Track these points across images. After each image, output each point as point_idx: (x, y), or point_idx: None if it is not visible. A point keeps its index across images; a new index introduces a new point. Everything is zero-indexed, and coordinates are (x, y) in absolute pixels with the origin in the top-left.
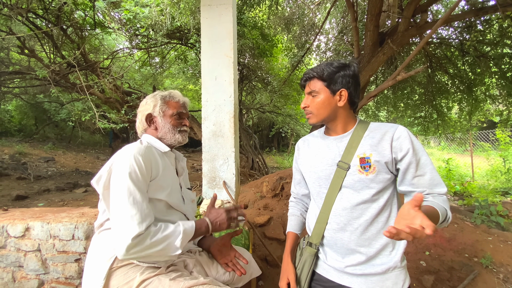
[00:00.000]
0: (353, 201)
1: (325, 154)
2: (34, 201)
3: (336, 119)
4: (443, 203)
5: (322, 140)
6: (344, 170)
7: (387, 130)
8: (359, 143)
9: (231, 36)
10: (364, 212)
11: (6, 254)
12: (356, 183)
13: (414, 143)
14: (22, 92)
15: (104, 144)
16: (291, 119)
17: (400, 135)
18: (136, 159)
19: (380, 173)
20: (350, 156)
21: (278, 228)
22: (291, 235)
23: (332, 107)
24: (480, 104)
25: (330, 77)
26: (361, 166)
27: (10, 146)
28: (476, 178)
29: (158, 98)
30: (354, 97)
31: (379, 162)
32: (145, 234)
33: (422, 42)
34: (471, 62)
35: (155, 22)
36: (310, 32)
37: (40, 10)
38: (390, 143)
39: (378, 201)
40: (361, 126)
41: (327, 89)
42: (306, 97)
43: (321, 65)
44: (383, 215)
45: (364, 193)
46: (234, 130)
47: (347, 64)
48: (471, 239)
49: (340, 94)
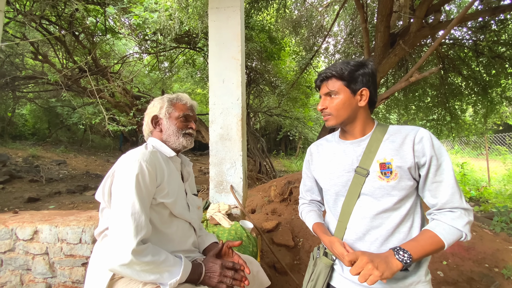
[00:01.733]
0: (373, 210)
1: (341, 159)
2: (45, 203)
3: (355, 120)
4: (453, 221)
5: (337, 145)
6: (363, 177)
7: (408, 133)
8: (378, 147)
9: (239, 38)
10: (385, 222)
11: (14, 257)
12: (376, 190)
13: (436, 146)
14: (36, 97)
15: (114, 147)
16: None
17: (422, 137)
18: (141, 165)
19: (402, 180)
20: (369, 161)
21: (287, 234)
22: (319, 224)
23: (353, 108)
24: (496, 106)
25: (350, 76)
26: (381, 172)
27: (24, 149)
28: (493, 183)
29: (165, 100)
30: (374, 97)
31: (401, 167)
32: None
33: (436, 42)
34: (486, 63)
35: (164, 27)
36: (318, 34)
37: (53, 16)
38: (412, 146)
39: (399, 210)
40: (380, 129)
41: (347, 89)
42: (323, 98)
43: (337, 64)
44: (405, 225)
45: (384, 201)
46: (241, 133)
47: (364, 62)
48: (491, 248)
49: (361, 93)
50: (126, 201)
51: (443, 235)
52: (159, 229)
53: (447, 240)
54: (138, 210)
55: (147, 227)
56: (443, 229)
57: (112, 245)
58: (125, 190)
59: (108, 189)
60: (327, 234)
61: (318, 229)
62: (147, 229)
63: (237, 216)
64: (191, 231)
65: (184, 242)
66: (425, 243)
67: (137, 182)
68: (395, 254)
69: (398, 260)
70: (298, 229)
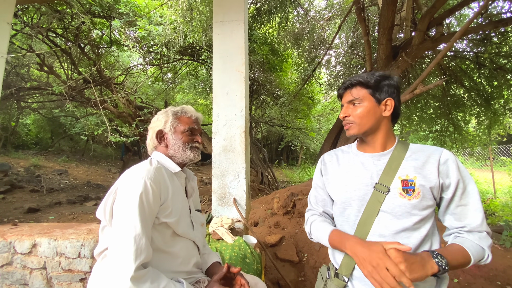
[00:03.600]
0: (392, 228)
1: (359, 172)
2: (45, 214)
3: (377, 131)
4: (480, 241)
5: (355, 156)
6: (383, 194)
7: (432, 152)
8: (400, 164)
9: (243, 51)
10: (405, 242)
11: (12, 271)
12: (396, 207)
13: (461, 168)
14: (40, 107)
15: (115, 157)
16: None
17: (448, 158)
18: (145, 184)
19: (425, 199)
20: (389, 178)
21: (291, 248)
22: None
23: (377, 117)
24: (499, 117)
25: (376, 85)
26: (403, 189)
27: (26, 159)
28: (498, 195)
29: (169, 114)
30: (398, 109)
31: (424, 186)
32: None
33: (440, 55)
34: (487, 74)
35: (168, 40)
36: (320, 47)
37: (60, 29)
38: (437, 166)
39: (420, 231)
40: (402, 146)
41: (372, 98)
42: (345, 106)
43: (362, 74)
44: (424, 246)
45: (405, 220)
46: (245, 145)
47: (389, 74)
48: (502, 265)
49: (386, 103)
50: (127, 222)
51: (471, 251)
52: (162, 249)
53: (474, 256)
54: (139, 233)
55: (147, 250)
56: (471, 246)
57: (111, 269)
58: (127, 210)
59: (110, 208)
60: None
61: (337, 237)
62: (147, 252)
63: (240, 230)
64: (194, 250)
65: (188, 262)
66: (456, 254)
67: (140, 202)
68: (433, 257)
69: (437, 264)
70: (302, 244)
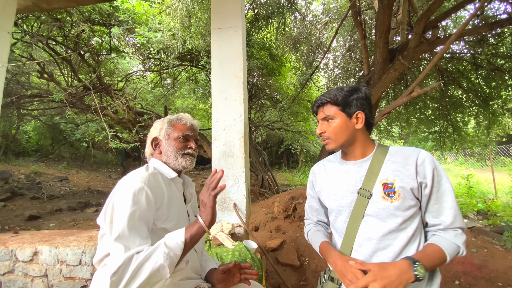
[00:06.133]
0: (378, 231)
1: (344, 180)
2: (46, 221)
3: (354, 142)
4: (455, 238)
5: (340, 165)
6: (366, 198)
7: (409, 154)
8: (380, 168)
9: (241, 57)
10: (392, 243)
11: (13, 279)
12: (380, 210)
13: (437, 168)
14: (41, 114)
15: (116, 163)
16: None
17: (424, 159)
18: (139, 189)
19: (406, 200)
20: (371, 183)
21: (292, 253)
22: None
23: (350, 131)
24: (498, 118)
25: (344, 101)
26: (384, 192)
27: (27, 166)
28: (499, 195)
29: (165, 122)
30: (370, 119)
31: (404, 188)
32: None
33: (436, 58)
34: (485, 75)
35: (167, 46)
36: (317, 50)
37: (60, 37)
38: (415, 168)
39: (406, 231)
40: (381, 151)
41: (342, 113)
42: (321, 123)
43: (331, 90)
44: (412, 246)
45: (390, 222)
46: (244, 150)
47: (357, 87)
48: (503, 266)
49: (357, 116)
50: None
51: (447, 250)
52: None
53: (450, 255)
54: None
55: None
56: (447, 245)
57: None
58: (119, 214)
59: (110, 216)
60: (334, 253)
61: (325, 249)
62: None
63: (240, 235)
64: (193, 255)
65: (186, 269)
66: (433, 256)
67: (133, 206)
68: (413, 269)
69: (415, 276)
70: (303, 248)
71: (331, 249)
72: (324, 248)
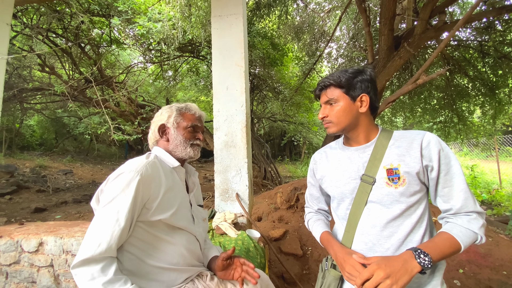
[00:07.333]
0: (382, 218)
1: (346, 166)
2: (52, 213)
3: (358, 127)
4: (469, 224)
5: (342, 152)
6: (369, 185)
7: (414, 137)
8: (384, 153)
9: (242, 45)
10: (396, 230)
11: (20, 270)
12: (384, 197)
13: (445, 150)
14: (43, 108)
15: (119, 156)
16: (303, 127)
17: (430, 141)
18: (133, 176)
19: (411, 185)
20: (374, 168)
21: (295, 242)
22: (326, 234)
23: (354, 114)
24: (504, 107)
25: (348, 83)
26: (388, 178)
27: (31, 159)
28: (504, 185)
29: (174, 109)
30: (375, 102)
31: (409, 173)
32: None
33: (442, 44)
34: (492, 63)
35: (167, 36)
36: (320, 39)
37: (60, 29)
38: (420, 151)
39: (410, 217)
40: (385, 135)
41: (346, 96)
42: (323, 107)
43: (335, 73)
44: (417, 233)
45: (394, 208)
46: (246, 140)
47: (362, 69)
48: (508, 255)
49: (361, 99)
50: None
51: (460, 237)
52: (160, 244)
53: (464, 242)
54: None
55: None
56: (459, 231)
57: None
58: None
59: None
60: (335, 244)
61: (325, 240)
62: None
63: (243, 225)
64: (196, 244)
65: (189, 256)
66: (443, 245)
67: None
68: (416, 257)
69: (419, 264)
70: (306, 237)
71: (332, 240)
72: (325, 239)
